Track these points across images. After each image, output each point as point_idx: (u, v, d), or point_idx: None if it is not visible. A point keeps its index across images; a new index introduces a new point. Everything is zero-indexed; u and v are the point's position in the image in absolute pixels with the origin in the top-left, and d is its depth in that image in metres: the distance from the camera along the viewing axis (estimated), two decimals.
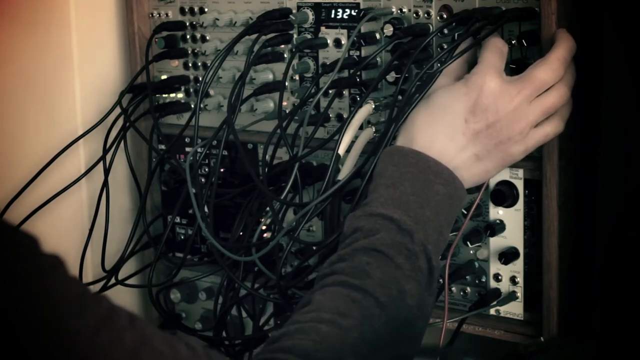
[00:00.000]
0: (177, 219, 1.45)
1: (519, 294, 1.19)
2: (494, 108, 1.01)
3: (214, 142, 1.29)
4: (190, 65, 1.41)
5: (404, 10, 1.20)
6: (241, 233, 1.27)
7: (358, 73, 1.22)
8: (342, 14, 1.25)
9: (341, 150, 1.12)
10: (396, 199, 0.98)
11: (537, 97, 1.03)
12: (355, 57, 1.23)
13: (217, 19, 1.33)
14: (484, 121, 1.02)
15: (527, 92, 1.02)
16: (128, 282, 1.39)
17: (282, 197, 1.16)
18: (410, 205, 0.97)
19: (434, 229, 0.98)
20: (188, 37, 1.40)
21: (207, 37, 1.38)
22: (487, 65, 1.03)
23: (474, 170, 1.04)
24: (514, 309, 1.19)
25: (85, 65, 1.42)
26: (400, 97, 1.10)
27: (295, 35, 1.29)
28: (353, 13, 1.24)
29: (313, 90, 1.23)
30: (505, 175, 1.16)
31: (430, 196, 0.99)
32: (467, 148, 1.02)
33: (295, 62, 1.28)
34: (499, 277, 1.19)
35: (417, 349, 0.97)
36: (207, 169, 1.41)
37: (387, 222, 0.96)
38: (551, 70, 1.03)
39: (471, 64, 1.08)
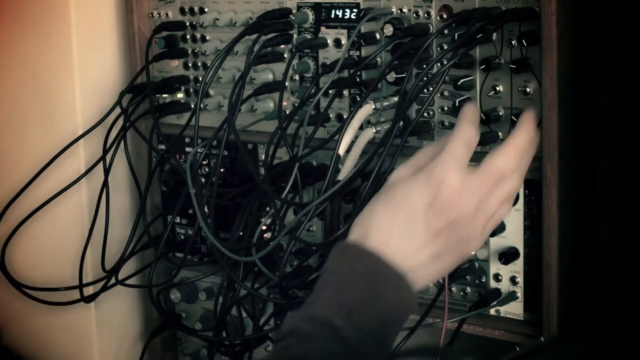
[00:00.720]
0: (177, 219, 1.45)
1: (519, 294, 1.19)
2: (456, 205, 0.95)
3: (214, 142, 1.29)
4: (190, 65, 1.41)
5: (404, 10, 1.20)
6: (241, 233, 1.27)
7: (358, 73, 1.22)
8: (342, 14, 1.25)
9: (341, 151, 1.12)
10: (342, 303, 0.91)
11: (496, 188, 0.98)
12: (355, 57, 1.23)
13: (217, 19, 1.33)
14: (444, 219, 0.95)
15: (487, 186, 0.97)
16: (128, 282, 1.39)
17: (282, 197, 1.16)
18: (354, 311, 0.91)
19: (376, 338, 0.91)
20: (188, 37, 1.40)
21: (207, 37, 1.38)
22: (450, 156, 0.96)
23: (431, 270, 0.97)
24: (514, 309, 1.19)
25: (85, 65, 1.42)
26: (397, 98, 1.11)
27: (295, 35, 1.29)
28: (353, 13, 1.24)
29: (313, 90, 1.23)
30: None
31: (378, 302, 0.92)
32: (426, 246, 0.95)
33: (295, 62, 1.28)
34: (499, 277, 1.19)
35: None
36: (207, 169, 1.41)
37: (326, 329, 0.90)
38: (510, 162, 0.98)
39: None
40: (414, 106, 1.18)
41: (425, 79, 1.08)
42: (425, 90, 1.17)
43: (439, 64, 1.07)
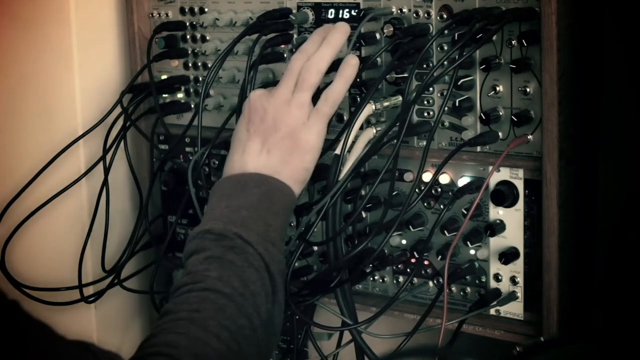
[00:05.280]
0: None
1: (519, 294, 1.19)
2: (261, 105, 1.15)
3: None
4: (190, 65, 1.41)
5: (404, 10, 1.20)
6: None
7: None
8: (342, 14, 1.25)
9: (339, 151, 1.13)
10: (213, 217, 1.09)
11: (286, 79, 1.15)
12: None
13: (217, 19, 1.33)
14: (257, 119, 1.14)
15: (285, 80, 1.15)
16: (129, 282, 1.39)
17: None
18: (222, 215, 1.09)
19: (253, 220, 1.08)
20: (188, 37, 1.40)
21: (207, 37, 1.38)
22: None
23: (278, 165, 1.13)
24: (514, 309, 1.19)
25: (85, 65, 1.42)
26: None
27: (295, 35, 1.29)
28: (353, 13, 1.24)
29: None
30: (505, 175, 1.16)
31: (245, 200, 1.10)
32: (260, 150, 1.14)
33: None
34: (499, 277, 1.19)
35: (273, 332, 1.06)
36: (207, 169, 1.41)
37: (207, 235, 1.07)
38: (299, 52, 1.16)
39: None
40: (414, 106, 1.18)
41: (428, 80, 1.08)
42: (427, 91, 1.18)
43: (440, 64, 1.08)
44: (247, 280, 1.04)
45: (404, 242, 1.25)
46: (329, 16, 1.26)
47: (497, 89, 1.14)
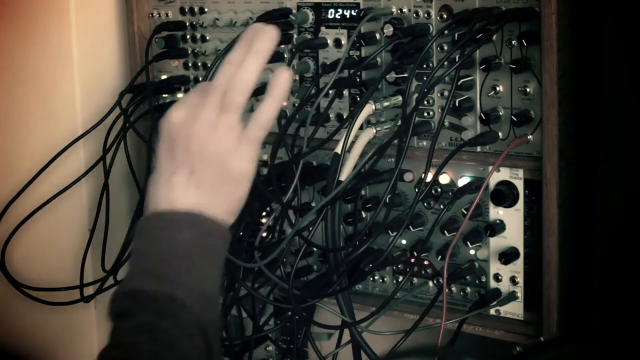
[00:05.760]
0: None
1: (519, 294, 1.19)
2: (184, 132, 0.98)
3: None
4: (190, 65, 1.41)
5: (404, 10, 1.20)
6: (241, 233, 1.27)
7: (358, 73, 1.22)
8: (342, 14, 1.25)
9: (339, 150, 1.13)
10: (143, 269, 0.97)
11: (209, 98, 0.98)
12: (355, 57, 1.23)
13: (217, 19, 1.33)
14: (180, 149, 0.98)
15: (209, 100, 0.98)
16: None
17: (285, 198, 1.17)
18: (153, 268, 0.96)
19: (187, 272, 0.96)
20: (188, 37, 1.40)
21: (207, 37, 1.38)
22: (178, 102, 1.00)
23: (210, 200, 0.98)
24: (514, 309, 1.19)
25: (85, 65, 1.42)
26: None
27: (295, 35, 1.29)
28: (353, 13, 1.24)
29: (313, 91, 1.23)
30: (505, 175, 1.16)
31: (178, 246, 0.96)
32: (187, 184, 0.98)
33: (295, 62, 1.28)
34: (499, 277, 1.19)
35: None
36: None
37: (137, 296, 0.95)
38: (225, 64, 0.99)
39: None
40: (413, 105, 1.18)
41: (430, 80, 1.09)
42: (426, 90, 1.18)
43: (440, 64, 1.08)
44: (182, 353, 0.92)
45: (404, 242, 1.26)
46: (329, 16, 1.26)
47: (497, 89, 1.14)
